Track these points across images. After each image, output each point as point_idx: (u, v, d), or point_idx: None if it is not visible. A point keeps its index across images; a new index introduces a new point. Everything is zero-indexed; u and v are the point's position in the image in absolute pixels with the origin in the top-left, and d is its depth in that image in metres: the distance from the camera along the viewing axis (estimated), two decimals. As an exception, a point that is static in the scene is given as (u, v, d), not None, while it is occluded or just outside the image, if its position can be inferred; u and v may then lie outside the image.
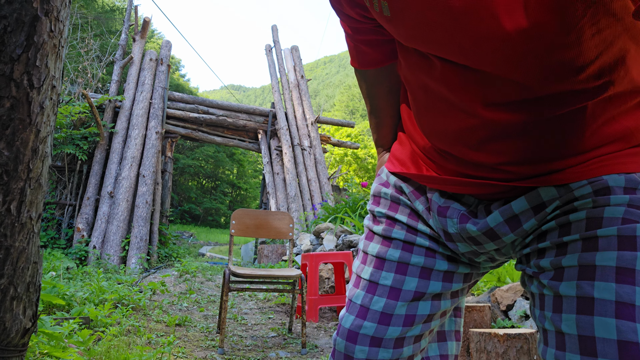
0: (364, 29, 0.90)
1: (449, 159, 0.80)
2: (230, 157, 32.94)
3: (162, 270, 6.88)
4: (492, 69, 0.66)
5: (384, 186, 0.95)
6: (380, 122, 1.04)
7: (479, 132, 0.72)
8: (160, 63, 9.08)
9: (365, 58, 0.96)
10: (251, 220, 3.57)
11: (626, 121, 0.70)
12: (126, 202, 7.54)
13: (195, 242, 18.49)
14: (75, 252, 7.05)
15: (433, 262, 0.86)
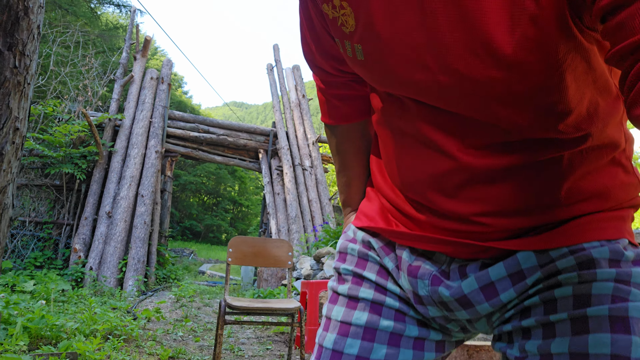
0: (337, 83, 0.89)
1: (422, 210, 0.76)
2: (232, 174, 32.97)
3: (160, 293, 6.73)
4: (470, 112, 0.64)
5: (350, 242, 0.89)
6: (349, 181, 1.01)
7: (455, 176, 0.69)
8: (161, 82, 9.03)
9: (337, 112, 0.94)
10: (249, 248, 3.44)
11: (602, 178, 0.69)
12: (124, 223, 7.42)
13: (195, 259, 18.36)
14: (71, 274, 6.91)
15: (403, 327, 0.79)
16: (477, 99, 0.62)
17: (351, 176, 0.99)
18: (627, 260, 0.66)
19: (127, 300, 6.00)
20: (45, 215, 8.00)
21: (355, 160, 0.98)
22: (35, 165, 8.09)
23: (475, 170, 0.67)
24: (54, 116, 8.45)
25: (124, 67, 8.92)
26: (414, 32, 0.62)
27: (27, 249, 7.67)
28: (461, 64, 0.60)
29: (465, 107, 0.64)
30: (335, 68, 0.85)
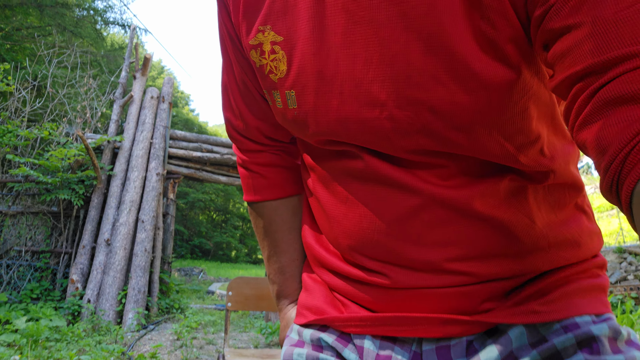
0: (263, 153, 0.84)
1: (386, 269, 0.66)
2: (241, 191, 32.78)
3: (162, 326, 6.28)
4: (427, 147, 0.60)
5: (296, 347, 0.76)
6: (283, 267, 0.88)
7: (420, 214, 0.63)
8: (161, 101, 8.67)
9: (264, 186, 0.86)
10: (251, 290, 2.99)
11: (571, 223, 0.66)
12: (124, 251, 7.00)
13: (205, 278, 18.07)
14: (67, 307, 6.49)
15: None
16: (437, 130, 0.58)
17: (285, 261, 0.88)
18: (622, 340, 0.62)
19: (125, 337, 5.55)
20: (43, 243, 7.61)
21: (289, 242, 0.88)
22: (32, 192, 7.72)
23: (442, 203, 0.62)
24: (51, 140, 8.11)
25: (124, 86, 8.57)
26: (365, 66, 0.58)
27: (24, 280, 7.28)
28: (421, 94, 0.56)
29: (422, 141, 0.60)
30: (264, 135, 0.81)
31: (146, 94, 8.62)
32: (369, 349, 0.69)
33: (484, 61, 0.53)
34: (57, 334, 5.30)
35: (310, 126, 0.66)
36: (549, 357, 0.60)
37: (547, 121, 0.62)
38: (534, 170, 0.62)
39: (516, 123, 0.57)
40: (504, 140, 0.58)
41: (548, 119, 0.61)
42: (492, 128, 0.57)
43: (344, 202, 0.69)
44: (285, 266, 0.88)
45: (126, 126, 8.19)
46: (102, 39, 14.14)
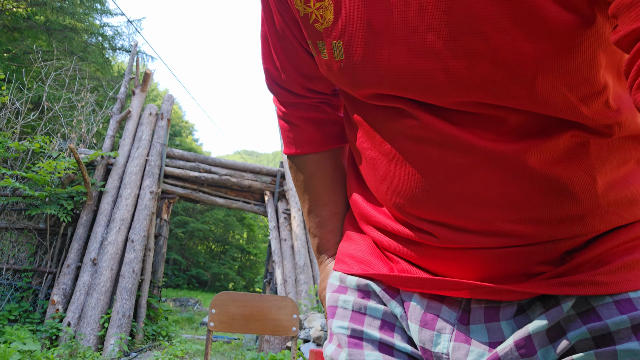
0: (304, 105, 0.81)
1: (436, 229, 0.64)
2: (241, 222, 32.61)
3: (145, 354, 5.77)
4: (484, 99, 0.57)
5: (340, 293, 0.74)
6: (324, 221, 0.86)
7: (474, 173, 0.60)
8: (160, 118, 8.37)
9: (304, 139, 0.83)
10: (238, 308, 2.55)
11: (631, 178, 0.62)
12: (110, 271, 6.55)
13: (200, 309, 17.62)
14: (45, 330, 6.00)
15: None
16: (496, 82, 0.55)
17: (326, 215, 0.86)
18: None
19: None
20: (26, 262, 7.17)
21: (330, 196, 0.86)
22: (18, 207, 7.33)
23: (496, 161, 0.59)
24: (43, 153, 7.76)
25: (122, 102, 8.29)
26: (419, 13, 0.55)
27: (3, 299, 6.80)
28: (481, 43, 0.53)
29: (479, 94, 0.56)
30: (304, 87, 0.78)
31: (145, 110, 8.33)
32: (416, 306, 0.68)
33: (552, 5, 0.50)
34: (30, 359, 4.82)
35: (358, 79, 0.63)
36: (600, 337, 0.57)
37: (615, 70, 0.57)
38: (598, 123, 0.58)
39: (582, 73, 0.54)
40: (568, 92, 0.55)
41: (615, 67, 0.57)
42: (556, 79, 0.54)
43: (391, 159, 0.67)
44: (327, 220, 0.86)
45: (122, 142, 7.87)
46: (109, 65, 14.12)
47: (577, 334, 0.58)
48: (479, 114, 0.59)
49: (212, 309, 2.50)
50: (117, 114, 8.11)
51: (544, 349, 0.60)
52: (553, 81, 0.54)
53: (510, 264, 0.62)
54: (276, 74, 0.78)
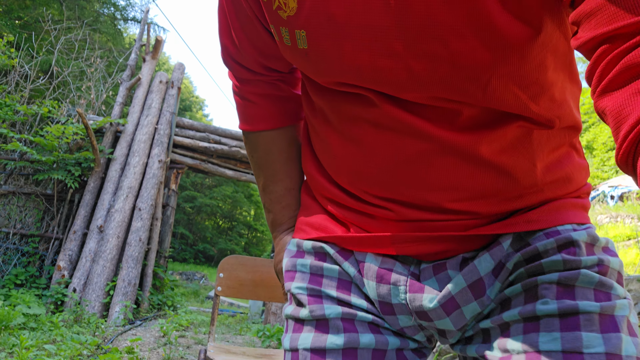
0: (259, 82, 0.81)
1: (387, 204, 0.69)
2: (249, 198, 32.63)
3: (149, 323, 5.71)
4: (443, 95, 0.60)
5: (297, 257, 0.77)
6: (279, 197, 0.88)
7: (429, 159, 0.64)
8: (171, 86, 8.21)
9: (259, 115, 0.83)
10: (247, 273, 2.42)
11: (565, 160, 0.70)
12: (117, 239, 6.47)
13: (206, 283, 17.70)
14: (51, 295, 5.95)
15: (385, 340, 0.70)
16: (453, 83, 0.58)
17: (281, 191, 0.87)
18: (599, 246, 0.67)
19: (108, 331, 4.99)
20: (33, 227, 7.11)
21: (285, 172, 0.87)
22: (25, 172, 7.24)
23: (450, 149, 0.63)
24: (51, 119, 7.65)
25: (132, 69, 8.13)
26: (378, 13, 0.56)
27: (9, 264, 6.76)
28: (441, 47, 0.56)
29: (438, 91, 0.59)
30: (262, 65, 0.78)
31: (155, 78, 8.17)
32: (370, 264, 0.71)
33: (507, 18, 0.53)
34: (34, 322, 4.77)
35: (321, 69, 0.64)
36: (530, 257, 0.65)
37: (563, 68, 0.62)
38: (543, 117, 0.62)
39: (533, 75, 0.58)
40: (519, 91, 0.59)
41: (564, 66, 0.62)
42: (509, 81, 0.58)
43: (349, 141, 0.69)
44: (281, 195, 0.88)
45: (131, 110, 7.73)
46: (120, 36, 13.93)
47: (513, 261, 0.66)
48: (436, 107, 0.62)
49: (220, 272, 2.37)
50: (127, 81, 7.96)
51: (491, 287, 0.67)
52: (506, 83, 0.58)
53: (456, 227, 0.68)
54: (233, 50, 0.77)
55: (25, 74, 8.00)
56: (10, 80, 7.74)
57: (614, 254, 0.67)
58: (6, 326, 4.20)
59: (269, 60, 0.76)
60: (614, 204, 19.35)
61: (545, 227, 0.66)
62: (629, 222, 15.61)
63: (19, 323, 4.45)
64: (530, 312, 0.62)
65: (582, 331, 0.59)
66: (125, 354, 3.46)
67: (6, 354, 3.08)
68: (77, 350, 3.42)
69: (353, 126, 0.68)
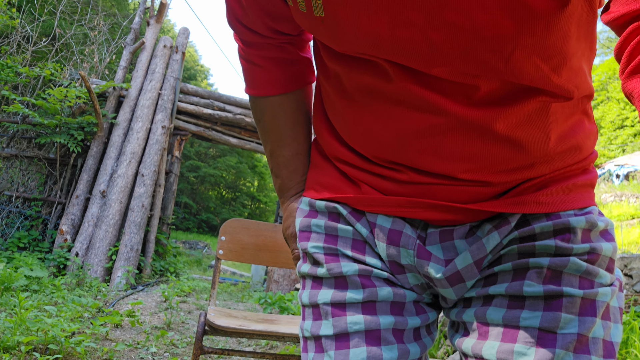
0: (267, 45, 0.78)
1: (401, 169, 0.69)
2: (252, 169, 32.65)
3: (151, 289, 5.72)
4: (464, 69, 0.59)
5: (311, 217, 0.77)
6: (287, 161, 0.86)
7: (443, 132, 0.64)
8: (175, 51, 8.06)
9: (266, 79, 0.81)
10: (251, 237, 2.36)
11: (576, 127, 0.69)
12: (119, 204, 6.44)
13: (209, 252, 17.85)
14: (53, 259, 5.95)
15: (402, 293, 0.72)
16: (475, 54, 0.57)
17: (289, 155, 0.86)
18: (597, 231, 0.68)
19: (109, 295, 4.99)
20: (35, 191, 7.07)
21: (293, 136, 0.85)
22: (28, 135, 7.17)
23: (465, 124, 0.63)
24: (54, 82, 7.53)
25: (135, 33, 7.97)
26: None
27: (12, 227, 6.75)
28: (462, 18, 0.54)
29: (458, 64, 0.58)
30: (269, 28, 0.75)
31: (159, 42, 8.01)
32: (382, 225, 0.72)
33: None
34: (37, 285, 4.77)
35: (337, 37, 0.63)
36: (526, 237, 0.67)
37: (585, 37, 0.61)
38: (563, 88, 0.61)
39: (557, 46, 0.57)
40: (542, 63, 0.57)
41: (586, 35, 0.61)
42: (532, 52, 0.56)
43: (363, 110, 0.69)
44: (289, 160, 0.87)
45: (134, 74, 7.60)
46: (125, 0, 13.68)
47: (509, 237, 0.67)
48: (453, 82, 0.60)
49: (222, 235, 2.31)
50: (131, 45, 7.81)
51: (487, 259, 0.69)
52: (529, 54, 0.56)
53: (466, 197, 0.68)
54: (240, 11, 0.74)
55: (27, 35, 7.85)
56: (12, 42, 7.60)
57: (610, 239, 0.69)
58: (8, 287, 4.19)
59: (277, 23, 0.74)
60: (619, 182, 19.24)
61: (551, 212, 0.67)
62: (634, 202, 15.54)
63: (21, 285, 4.44)
64: (517, 290, 0.65)
65: (562, 312, 0.62)
66: (126, 317, 3.44)
67: (6, 314, 3.06)
68: (77, 313, 3.40)
69: (367, 96, 0.68)
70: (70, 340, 2.43)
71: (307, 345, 0.75)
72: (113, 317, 3.21)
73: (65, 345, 2.40)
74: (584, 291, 0.63)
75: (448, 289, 0.70)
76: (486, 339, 0.65)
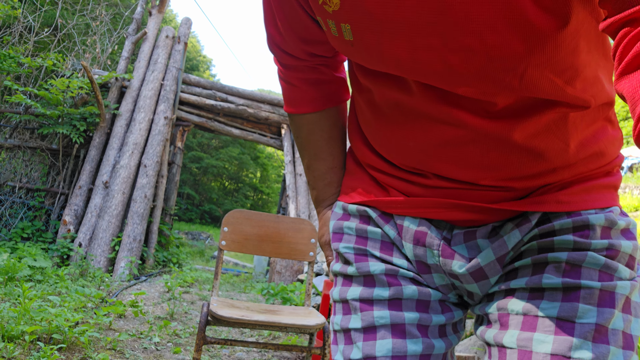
0: (303, 67, 0.85)
1: (427, 175, 0.74)
2: (255, 160, 32.58)
3: (154, 279, 5.74)
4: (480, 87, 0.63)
5: (344, 220, 0.84)
6: (323, 174, 0.92)
7: (463, 144, 0.68)
8: (177, 41, 8.03)
9: (303, 98, 0.88)
10: (253, 228, 2.36)
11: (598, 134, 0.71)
12: (122, 195, 6.45)
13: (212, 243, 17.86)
14: (57, 249, 5.97)
15: (427, 292, 0.76)
16: (489, 74, 0.61)
17: (324, 169, 0.92)
18: (617, 229, 0.70)
19: (113, 285, 5.02)
20: (39, 181, 7.09)
21: (327, 151, 0.92)
22: (31, 126, 7.17)
23: (485, 135, 0.66)
24: (56, 72, 7.51)
25: (137, 23, 7.93)
26: (417, 10, 0.58)
27: (16, 217, 6.78)
28: (476, 41, 0.58)
29: (474, 82, 0.62)
30: (305, 52, 0.81)
31: (161, 32, 7.98)
32: (408, 227, 0.76)
33: (539, 11, 0.54)
34: (41, 275, 4.79)
35: (366, 58, 0.68)
36: (545, 233, 0.70)
37: (597, 48, 0.63)
38: (579, 98, 0.63)
39: (567, 60, 0.59)
40: (555, 77, 0.60)
41: (597, 46, 0.63)
42: (545, 69, 0.59)
43: (390, 121, 0.74)
44: (324, 173, 0.92)
45: (137, 64, 7.58)
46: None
47: (530, 234, 0.70)
48: (472, 98, 0.64)
49: (225, 226, 2.31)
50: (133, 35, 7.78)
51: (509, 256, 0.72)
52: (542, 71, 0.59)
53: (490, 198, 0.71)
54: (278, 37, 0.80)
55: (29, 25, 7.82)
56: (14, 32, 7.58)
57: (631, 237, 0.70)
58: (12, 277, 4.21)
59: (312, 47, 0.80)
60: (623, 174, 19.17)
61: (573, 210, 0.69)
62: (637, 193, 15.49)
63: (25, 275, 4.46)
64: (536, 283, 0.67)
65: (580, 303, 0.64)
66: (129, 307, 3.46)
67: (11, 304, 3.08)
68: (81, 303, 3.42)
69: (394, 109, 0.72)
70: (74, 330, 2.44)
71: (337, 337, 0.81)
72: (116, 307, 3.22)
73: (69, 335, 2.41)
74: (602, 283, 0.65)
75: (473, 285, 0.74)
76: (507, 328, 0.68)
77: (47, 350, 2.14)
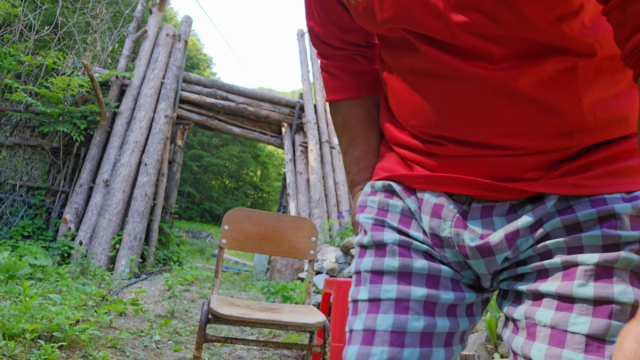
0: (342, 57, 0.94)
1: (443, 142, 0.76)
2: (255, 159, 32.57)
3: (155, 277, 5.74)
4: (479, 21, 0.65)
5: (370, 195, 0.88)
6: (358, 159, 0.98)
7: (471, 98, 0.70)
8: (177, 40, 8.03)
9: (342, 86, 0.96)
10: (253, 226, 2.36)
11: (622, 98, 0.69)
12: (122, 193, 6.46)
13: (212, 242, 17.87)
14: (57, 247, 5.98)
15: (438, 267, 0.77)
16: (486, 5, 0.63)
17: (359, 154, 0.98)
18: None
19: (114, 283, 5.02)
20: (39, 180, 7.09)
21: (364, 136, 0.97)
22: (31, 124, 7.18)
23: (490, 86, 0.68)
24: (57, 71, 7.51)
25: (138, 21, 7.93)
26: None
27: (16, 215, 6.78)
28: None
29: (473, 20, 0.65)
30: (341, 40, 0.90)
31: (161, 30, 7.98)
32: (428, 200, 0.78)
33: None
34: (41, 273, 4.79)
35: (377, 14, 0.74)
36: (570, 226, 0.67)
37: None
38: (580, 43, 0.63)
39: None
40: (546, 11, 0.61)
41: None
42: (535, 2, 0.60)
43: (408, 89, 0.79)
44: (359, 158, 0.97)
45: (137, 63, 7.58)
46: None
47: (551, 223, 0.68)
48: (474, 45, 0.67)
49: (225, 225, 2.32)
50: (133, 33, 7.78)
51: (523, 238, 0.70)
52: (533, 4, 0.60)
53: (506, 170, 0.72)
54: (318, 30, 0.89)
55: (30, 23, 7.82)
56: (15, 30, 7.58)
57: None
58: (12, 275, 4.21)
59: (347, 34, 0.88)
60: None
61: (593, 194, 0.67)
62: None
63: (25, 273, 4.47)
64: (567, 292, 0.65)
65: (612, 320, 0.62)
66: (130, 305, 3.46)
67: (11, 302, 3.08)
68: (82, 301, 3.42)
69: (409, 75, 0.77)
70: (75, 328, 2.45)
71: (350, 309, 0.83)
72: (117, 305, 3.23)
73: (69, 333, 2.41)
74: (636, 299, 0.62)
75: (479, 260, 0.73)
76: (534, 340, 0.67)
77: (48, 348, 2.14)
